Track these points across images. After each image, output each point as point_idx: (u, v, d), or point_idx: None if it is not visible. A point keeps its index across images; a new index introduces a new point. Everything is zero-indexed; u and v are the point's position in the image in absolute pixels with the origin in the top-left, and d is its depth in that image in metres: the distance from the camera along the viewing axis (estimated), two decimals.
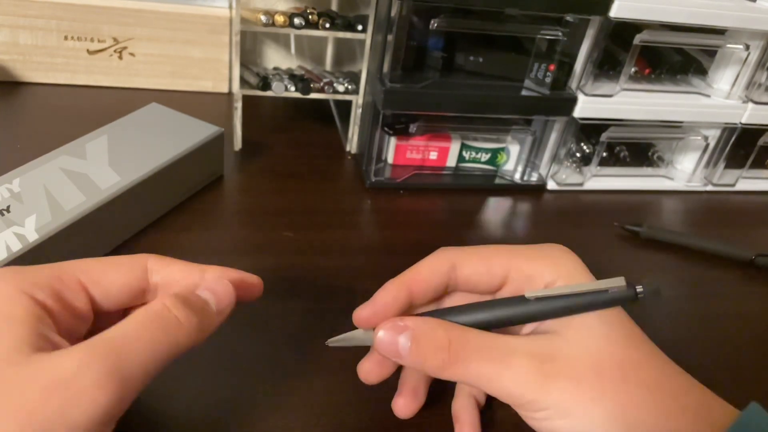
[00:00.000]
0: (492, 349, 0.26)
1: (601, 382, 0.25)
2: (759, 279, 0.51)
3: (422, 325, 0.27)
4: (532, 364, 0.26)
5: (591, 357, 0.26)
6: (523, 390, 0.25)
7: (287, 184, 0.53)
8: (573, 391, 0.25)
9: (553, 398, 0.25)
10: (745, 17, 0.53)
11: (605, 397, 0.25)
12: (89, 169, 0.42)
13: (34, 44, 0.61)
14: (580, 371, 0.26)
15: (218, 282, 0.28)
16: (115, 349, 0.22)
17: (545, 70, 0.54)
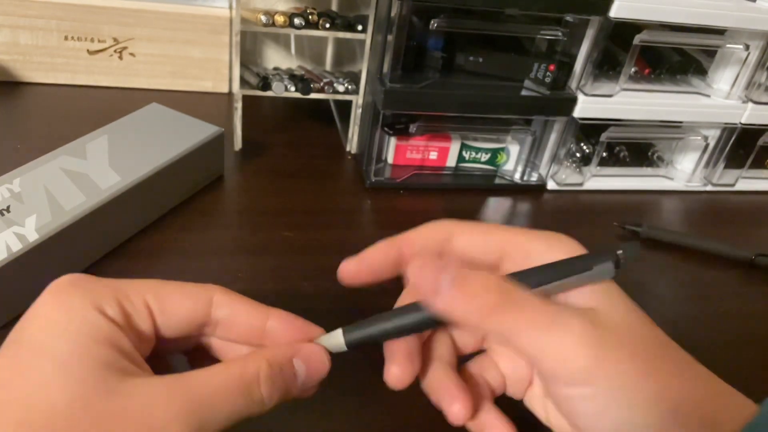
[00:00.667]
0: (545, 304, 0.24)
1: (650, 357, 0.24)
2: (759, 279, 0.51)
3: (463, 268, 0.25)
4: (587, 328, 0.23)
5: (635, 332, 0.24)
6: (575, 355, 0.23)
7: (287, 184, 0.53)
8: (628, 364, 0.23)
9: (605, 370, 0.23)
10: (745, 17, 0.53)
11: (656, 373, 0.24)
12: (89, 169, 0.42)
13: (34, 44, 0.61)
14: (633, 344, 0.24)
15: (316, 355, 0.26)
16: (204, 408, 0.22)
17: (545, 70, 0.54)
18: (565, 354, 0.23)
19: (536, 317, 0.24)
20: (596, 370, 0.23)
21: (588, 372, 0.23)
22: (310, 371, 0.26)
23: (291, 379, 0.25)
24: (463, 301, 0.24)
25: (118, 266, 0.41)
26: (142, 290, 0.24)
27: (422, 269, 0.25)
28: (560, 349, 0.23)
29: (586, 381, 0.23)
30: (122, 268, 0.41)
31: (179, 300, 0.25)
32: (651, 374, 0.24)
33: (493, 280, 0.24)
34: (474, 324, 0.24)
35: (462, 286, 0.24)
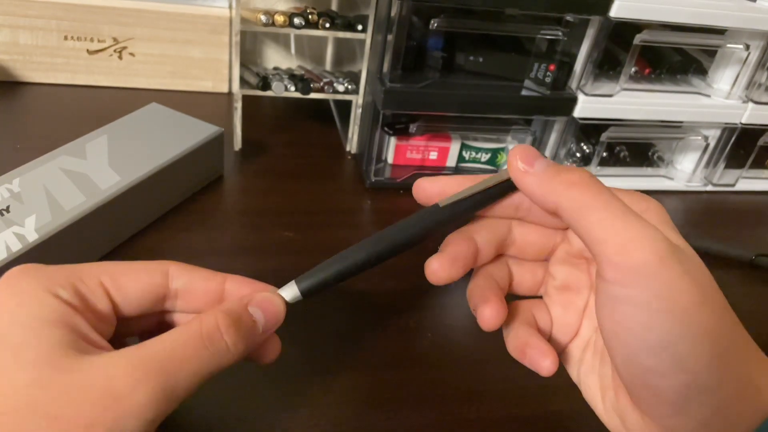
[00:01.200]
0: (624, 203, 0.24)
1: (710, 296, 0.23)
2: (759, 279, 0.51)
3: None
4: (660, 235, 0.22)
5: (703, 274, 0.23)
6: (641, 247, 0.22)
7: (287, 184, 0.53)
8: (689, 285, 0.22)
9: (665, 280, 0.22)
10: (745, 17, 0.53)
11: (713, 309, 0.23)
12: (89, 169, 0.42)
13: (34, 44, 0.61)
14: (698, 276, 0.23)
15: (269, 301, 0.27)
16: (168, 369, 0.23)
17: (545, 70, 0.54)
18: (630, 243, 0.22)
19: (612, 203, 0.23)
20: (656, 275, 0.22)
21: (647, 271, 0.22)
22: (267, 315, 0.26)
23: (251, 325, 0.26)
24: (549, 177, 0.24)
25: None
26: (95, 271, 0.25)
27: (527, 148, 0.25)
28: (627, 236, 0.22)
29: (642, 282, 0.22)
30: None
31: (134, 276, 0.26)
32: (707, 307, 0.22)
33: (581, 171, 0.25)
34: (554, 196, 0.24)
35: (554, 168, 0.25)
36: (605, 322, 0.24)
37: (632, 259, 0.22)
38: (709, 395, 0.22)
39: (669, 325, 0.22)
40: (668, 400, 0.23)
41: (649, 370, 0.23)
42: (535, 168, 0.25)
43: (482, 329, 0.27)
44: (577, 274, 0.29)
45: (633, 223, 0.22)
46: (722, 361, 0.22)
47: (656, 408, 0.23)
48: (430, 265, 0.26)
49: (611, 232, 0.22)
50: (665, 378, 0.22)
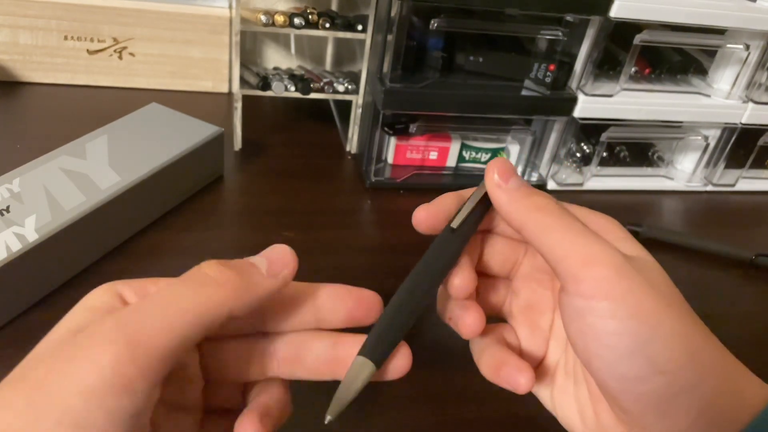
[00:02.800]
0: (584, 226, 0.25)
1: (675, 301, 0.24)
2: (759, 279, 0.51)
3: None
4: (617, 252, 0.24)
5: (663, 279, 0.25)
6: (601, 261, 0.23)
7: (287, 184, 0.53)
8: (651, 292, 0.23)
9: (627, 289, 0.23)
10: (745, 17, 0.53)
11: (678, 313, 0.23)
12: (89, 169, 0.42)
13: (34, 44, 0.61)
14: (660, 283, 0.24)
15: (271, 248, 0.25)
16: (127, 317, 0.20)
17: (545, 70, 0.54)
18: (589, 257, 0.23)
19: (573, 225, 0.25)
20: (617, 284, 0.23)
21: (609, 282, 0.23)
22: (271, 260, 0.24)
23: (246, 266, 0.23)
24: (519, 197, 0.26)
25: (117, 266, 0.41)
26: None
27: (505, 163, 0.27)
28: (586, 252, 0.24)
29: (604, 292, 0.23)
30: (122, 268, 0.41)
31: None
32: (673, 310, 0.23)
33: (550, 197, 0.26)
34: (520, 215, 0.26)
35: (525, 188, 0.26)
36: (575, 337, 0.24)
37: (593, 271, 0.23)
38: (691, 394, 0.23)
39: (637, 328, 0.22)
40: (652, 405, 0.23)
41: (628, 377, 0.23)
42: (509, 185, 0.26)
43: (463, 337, 0.28)
44: (541, 291, 0.30)
45: (591, 241, 0.24)
46: (698, 359, 0.23)
47: (643, 417, 0.24)
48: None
49: (572, 249, 0.24)
50: (645, 382, 0.23)
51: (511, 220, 0.26)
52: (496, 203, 0.27)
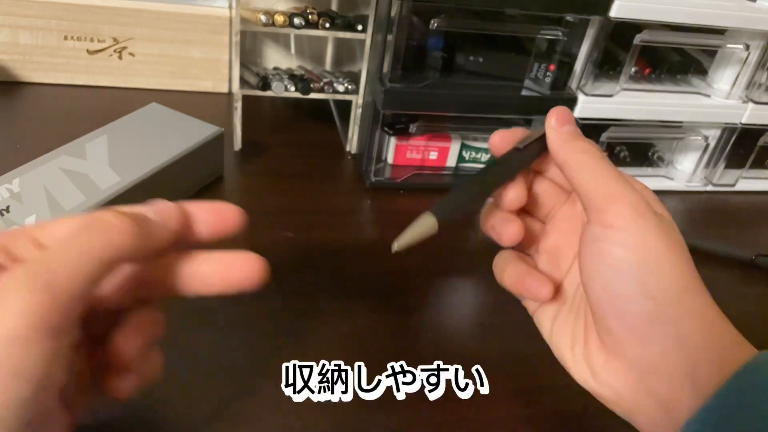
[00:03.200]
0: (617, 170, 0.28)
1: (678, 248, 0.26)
2: (759, 279, 0.51)
3: None
4: (641, 198, 0.27)
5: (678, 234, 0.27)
6: (623, 198, 0.26)
7: (287, 184, 0.53)
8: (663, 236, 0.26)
9: (642, 228, 0.26)
10: (745, 17, 0.53)
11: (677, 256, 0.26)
12: (89, 169, 0.42)
13: (34, 44, 0.61)
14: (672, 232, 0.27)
15: (156, 202, 0.28)
16: (36, 259, 0.21)
17: (545, 70, 0.54)
18: (615, 195, 0.26)
19: (608, 169, 0.28)
20: (634, 222, 0.26)
21: (627, 218, 0.26)
22: (158, 210, 0.27)
23: (142, 219, 0.26)
24: (568, 139, 0.29)
25: None
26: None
27: (564, 111, 0.30)
28: (613, 190, 0.26)
29: (621, 225, 0.26)
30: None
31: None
32: (676, 253, 0.26)
33: (595, 144, 0.29)
34: (565, 154, 0.29)
35: (576, 134, 0.30)
36: (585, 258, 0.27)
37: (614, 206, 0.26)
38: (671, 326, 0.25)
39: (640, 257, 0.25)
40: (634, 326, 0.26)
41: (620, 296, 0.26)
42: (563, 128, 0.30)
43: (501, 244, 0.31)
44: (568, 236, 0.32)
45: (621, 184, 0.27)
46: (685, 297, 0.26)
47: (622, 335, 0.26)
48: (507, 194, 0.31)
49: (601, 186, 0.27)
50: (633, 303, 0.25)
51: (557, 157, 0.29)
52: (549, 141, 0.30)
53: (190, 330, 0.37)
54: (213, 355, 0.36)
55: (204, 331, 0.37)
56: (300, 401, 0.34)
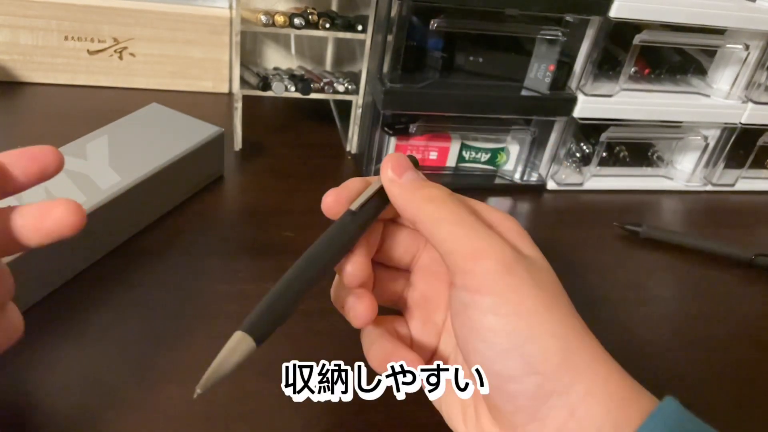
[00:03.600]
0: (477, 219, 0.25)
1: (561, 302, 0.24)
2: (759, 279, 0.51)
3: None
4: (506, 246, 0.24)
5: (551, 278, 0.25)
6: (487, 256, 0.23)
7: (287, 184, 0.53)
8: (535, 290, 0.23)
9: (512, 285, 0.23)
10: (745, 17, 0.53)
11: (556, 312, 0.23)
12: (89, 169, 0.42)
13: (34, 44, 0.61)
14: (545, 282, 0.24)
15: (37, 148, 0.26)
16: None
17: (545, 70, 0.54)
18: (477, 252, 0.24)
19: (465, 218, 0.25)
20: (502, 281, 0.23)
21: (494, 277, 0.23)
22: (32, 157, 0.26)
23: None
24: (412, 189, 0.26)
25: (118, 266, 0.41)
26: None
27: (399, 158, 0.27)
28: (475, 246, 0.24)
29: (488, 288, 0.23)
30: (122, 267, 0.41)
31: None
32: (555, 311, 0.23)
33: (444, 188, 0.26)
34: (413, 207, 0.26)
35: (419, 182, 0.27)
36: (458, 329, 0.25)
37: (479, 266, 0.23)
38: (562, 397, 0.23)
39: (516, 326, 0.23)
40: (522, 405, 0.23)
41: (502, 374, 0.23)
42: (403, 179, 0.27)
43: (354, 326, 0.28)
44: (437, 285, 0.30)
45: (481, 235, 0.24)
46: (571, 361, 0.23)
47: (513, 416, 0.24)
48: (345, 269, 0.27)
49: (461, 243, 0.24)
50: (517, 382, 0.23)
51: (404, 212, 0.27)
52: (391, 197, 0.27)
53: (190, 330, 0.37)
54: (212, 355, 0.36)
55: (204, 331, 0.37)
56: (300, 401, 0.34)
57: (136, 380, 0.33)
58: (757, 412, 0.38)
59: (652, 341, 0.42)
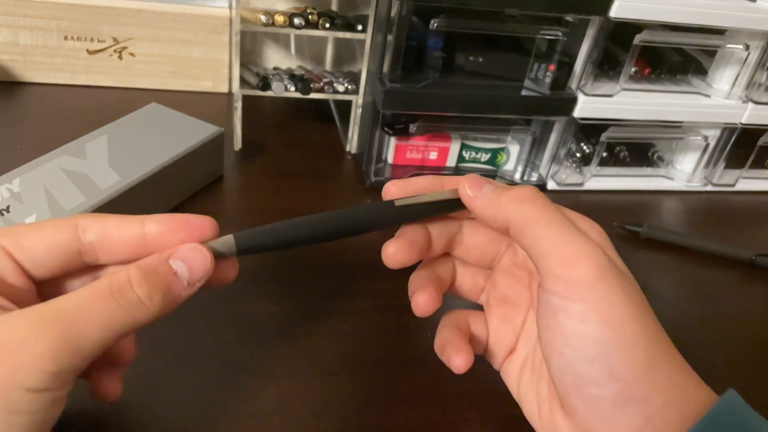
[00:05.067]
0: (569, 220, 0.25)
1: (645, 312, 0.24)
2: (759, 279, 0.51)
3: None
4: (601, 253, 0.24)
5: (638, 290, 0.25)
6: (581, 262, 0.23)
7: (287, 184, 0.53)
8: (624, 298, 0.24)
9: (602, 293, 0.23)
10: (745, 17, 0.53)
11: (645, 322, 0.24)
12: (89, 169, 0.42)
13: (34, 44, 0.61)
14: (633, 291, 0.25)
15: (195, 250, 0.25)
16: (67, 320, 0.22)
17: (545, 70, 0.54)
18: (572, 257, 0.24)
19: (559, 220, 0.25)
20: (594, 288, 0.23)
21: (586, 284, 0.23)
22: (193, 267, 0.25)
23: (170, 278, 0.24)
24: (498, 195, 0.26)
25: None
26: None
27: (474, 176, 0.28)
28: (569, 251, 0.24)
29: (580, 294, 0.23)
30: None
31: (38, 234, 0.24)
32: (640, 321, 0.24)
33: (529, 187, 0.26)
34: (504, 211, 0.26)
35: (501, 188, 0.27)
36: (543, 330, 0.25)
37: (573, 272, 0.23)
38: (640, 405, 0.23)
39: (603, 335, 0.23)
40: (600, 409, 0.24)
41: (583, 378, 0.24)
42: (483, 191, 0.27)
43: (415, 314, 0.29)
44: (517, 287, 0.30)
45: (576, 239, 0.24)
46: (653, 372, 0.23)
47: (588, 417, 0.24)
48: (387, 248, 0.28)
49: (555, 246, 0.24)
50: (598, 387, 0.23)
51: (496, 221, 0.26)
52: (478, 213, 0.27)
53: (189, 331, 0.37)
54: (212, 355, 0.36)
55: (203, 332, 0.37)
56: (300, 401, 0.34)
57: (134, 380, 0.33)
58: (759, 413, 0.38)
59: None
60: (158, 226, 0.25)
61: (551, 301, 0.24)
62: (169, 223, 0.25)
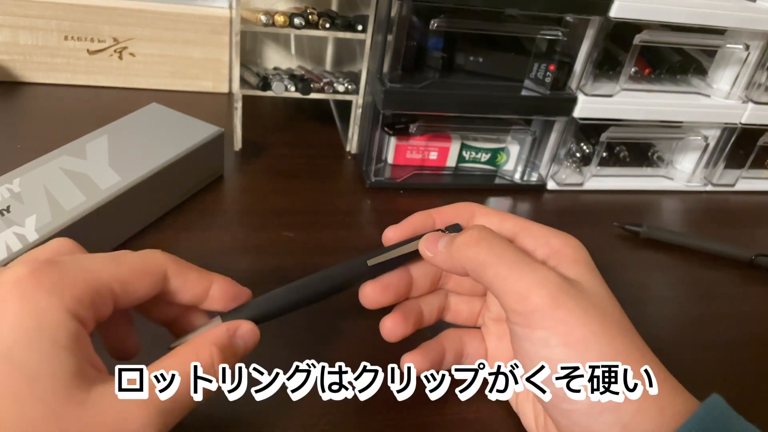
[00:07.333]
0: (520, 253, 0.27)
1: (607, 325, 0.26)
2: (759, 279, 0.51)
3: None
4: (553, 275, 0.26)
5: (601, 300, 0.27)
6: (534, 293, 0.25)
7: (287, 184, 0.53)
8: (583, 319, 0.25)
9: (560, 318, 0.25)
10: (745, 17, 0.53)
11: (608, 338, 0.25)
12: (89, 169, 0.42)
13: (34, 44, 0.61)
14: (593, 306, 0.26)
15: (251, 332, 0.29)
16: (171, 409, 0.24)
17: (545, 70, 0.54)
18: (524, 291, 0.26)
19: (507, 256, 0.27)
20: (551, 315, 0.25)
21: (543, 314, 0.25)
22: (247, 344, 0.29)
23: (236, 356, 0.28)
24: (448, 250, 0.29)
25: None
26: (107, 279, 0.25)
27: (430, 236, 0.30)
28: (521, 286, 0.26)
29: (540, 324, 0.25)
30: None
31: (140, 283, 0.27)
32: (605, 336, 0.25)
33: (476, 229, 0.28)
34: (458, 263, 0.28)
35: (450, 240, 0.29)
36: (516, 356, 0.28)
37: (528, 305, 0.25)
38: (613, 414, 0.25)
39: (567, 356, 0.25)
40: (577, 421, 0.25)
41: (557, 395, 0.25)
42: (439, 248, 0.29)
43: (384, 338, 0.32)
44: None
45: (526, 271, 0.26)
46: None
47: (570, 429, 0.26)
48: (363, 290, 0.32)
49: (507, 283, 0.26)
50: (570, 402, 0.25)
51: (457, 272, 0.29)
52: (440, 268, 0.30)
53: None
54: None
55: None
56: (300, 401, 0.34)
57: None
58: (758, 413, 0.38)
59: (652, 341, 0.42)
60: (220, 290, 0.29)
61: (516, 331, 0.26)
62: (228, 289, 0.30)
